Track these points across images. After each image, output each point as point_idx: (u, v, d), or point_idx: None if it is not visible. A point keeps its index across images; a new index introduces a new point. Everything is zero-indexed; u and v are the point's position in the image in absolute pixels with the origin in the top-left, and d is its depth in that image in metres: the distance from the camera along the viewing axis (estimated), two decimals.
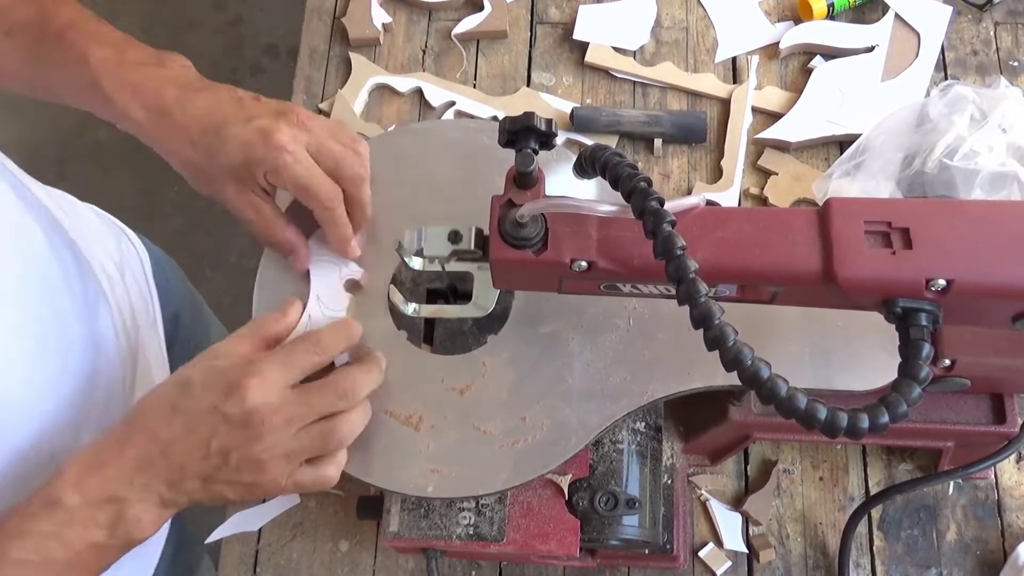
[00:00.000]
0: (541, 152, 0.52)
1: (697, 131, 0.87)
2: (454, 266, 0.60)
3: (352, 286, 0.65)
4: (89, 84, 0.60)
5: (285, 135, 0.58)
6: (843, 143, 0.87)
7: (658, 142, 0.87)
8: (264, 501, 0.76)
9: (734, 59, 0.92)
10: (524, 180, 0.52)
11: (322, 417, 0.56)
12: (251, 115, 0.59)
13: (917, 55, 0.89)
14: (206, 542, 0.77)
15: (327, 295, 0.64)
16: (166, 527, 0.82)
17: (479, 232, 0.55)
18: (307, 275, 0.65)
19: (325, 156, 0.60)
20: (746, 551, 0.73)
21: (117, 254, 0.82)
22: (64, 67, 0.60)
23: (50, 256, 0.64)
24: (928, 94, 0.85)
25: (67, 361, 0.64)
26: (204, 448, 0.53)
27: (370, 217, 0.65)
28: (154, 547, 0.80)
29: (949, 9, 0.90)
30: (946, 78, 0.90)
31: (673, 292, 0.46)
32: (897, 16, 0.90)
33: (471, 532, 0.62)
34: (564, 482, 0.63)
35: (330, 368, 0.59)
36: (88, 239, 0.76)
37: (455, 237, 0.55)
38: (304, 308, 0.63)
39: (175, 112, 0.59)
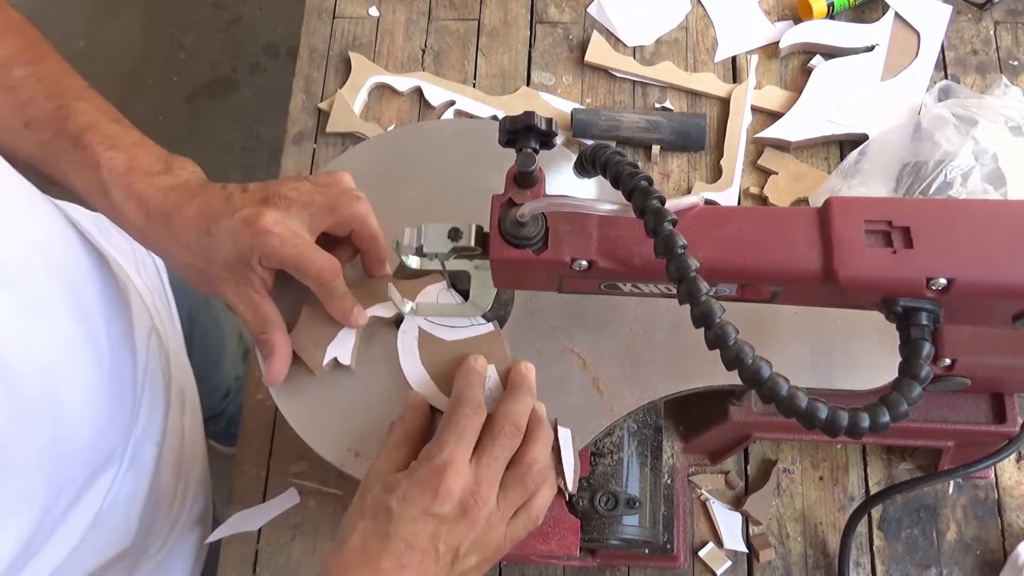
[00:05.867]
0: (541, 151, 0.52)
1: (696, 139, 0.87)
2: (453, 264, 0.60)
3: None
4: (99, 190, 0.61)
5: (270, 218, 0.58)
6: (843, 143, 0.87)
7: (656, 148, 0.87)
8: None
9: (734, 58, 0.92)
10: (524, 179, 0.52)
11: (510, 464, 0.56)
12: (236, 207, 0.59)
13: (917, 54, 0.89)
14: (206, 542, 0.77)
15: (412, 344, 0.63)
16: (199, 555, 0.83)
17: (479, 229, 0.55)
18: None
19: (320, 218, 0.60)
20: (746, 551, 0.73)
21: (132, 258, 0.83)
22: (77, 168, 0.61)
23: (93, 266, 0.66)
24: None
25: (118, 365, 0.65)
26: (434, 555, 0.53)
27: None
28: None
29: (949, 8, 0.90)
30: (946, 77, 0.90)
31: (674, 291, 0.46)
32: (897, 15, 0.90)
33: None
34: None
35: None
36: (106, 244, 0.78)
37: (455, 234, 0.55)
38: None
39: (173, 219, 0.60)
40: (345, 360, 0.62)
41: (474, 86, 0.92)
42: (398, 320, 0.64)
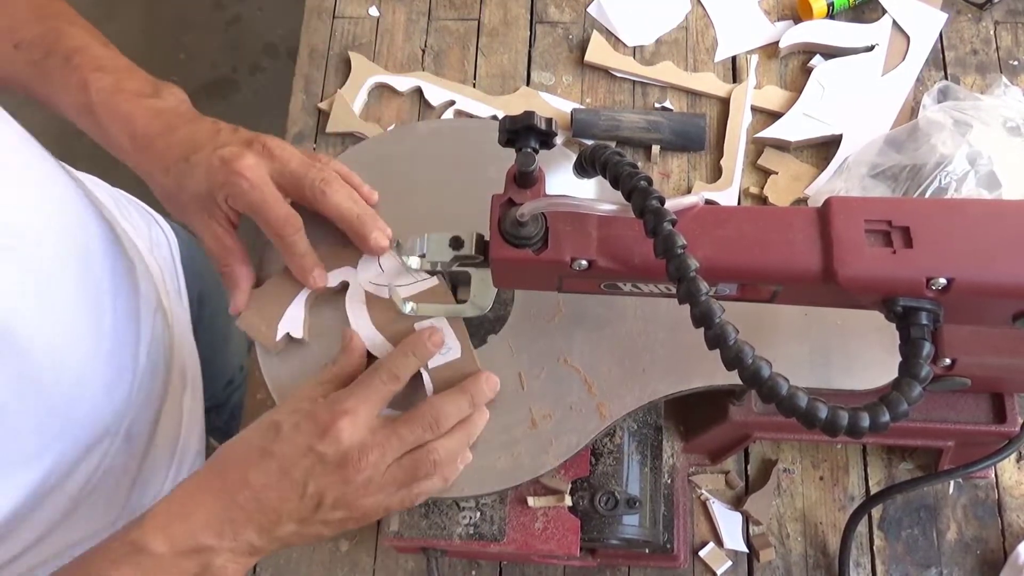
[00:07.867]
0: (541, 151, 0.52)
1: (696, 139, 0.87)
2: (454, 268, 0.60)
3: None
4: (85, 108, 0.62)
5: (247, 161, 0.59)
6: (841, 143, 0.87)
7: (656, 148, 0.87)
8: None
9: (734, 58, 0.92)
10: (524, 179, 0.52)
11: (412, 448, 0.56)
12: (220, 144, 0.60)
13: (904, 59, 0.89)
14: None
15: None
16: None
17: (479, 238, 0.55)
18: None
19: (287, 180, 0.61)
20: (746, 551, 0.73)
21: (147, 236, 0.84)
22: (65, 87, 0.63)
23: (104, 241, 0.66)
24: (920, 95, 0.84)
25: (121, 341, 0.66)
26: (300, 490, 0.53)
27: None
28: None
29: (944, 16, 0.90)
30: (946, 77, 0.90)
31: (673, 291, 0.46)
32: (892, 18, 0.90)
33: (471, 531, 0.62)
34: (565, 485, 0.63)
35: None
36: (122, 220, 0.79)
37: (456, 243, 0.56)
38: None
39: (157, 142, 0.61)
40: (297, 333, 0.62)
41: (474, 86, 0.92)
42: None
